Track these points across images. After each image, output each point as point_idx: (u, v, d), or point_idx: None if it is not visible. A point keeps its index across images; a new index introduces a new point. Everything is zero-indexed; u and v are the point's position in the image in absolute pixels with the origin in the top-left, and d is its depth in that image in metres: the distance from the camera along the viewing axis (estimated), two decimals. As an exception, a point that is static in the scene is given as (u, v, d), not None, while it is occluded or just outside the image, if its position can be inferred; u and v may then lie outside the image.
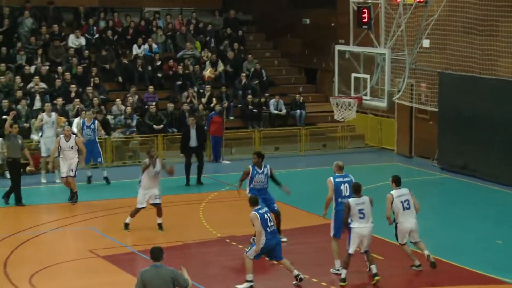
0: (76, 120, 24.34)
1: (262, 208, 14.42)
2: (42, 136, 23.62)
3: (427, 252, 15.28)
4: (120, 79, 28.81)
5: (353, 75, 24.02)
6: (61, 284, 14.87)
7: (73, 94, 26.46)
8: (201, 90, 28.55)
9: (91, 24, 29.99)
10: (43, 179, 23.00)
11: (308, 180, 22.90)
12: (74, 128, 22.87)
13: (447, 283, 14.98)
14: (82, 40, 29.31)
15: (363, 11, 23.68)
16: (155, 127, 26.08)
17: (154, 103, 27.09)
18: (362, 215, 14.41)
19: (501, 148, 23.10)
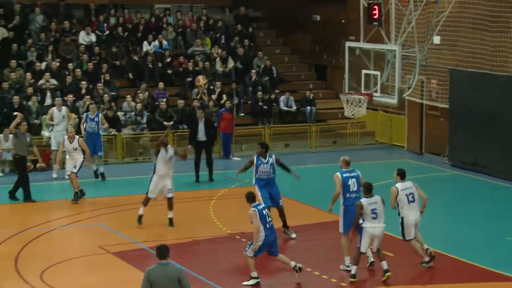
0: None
1: (260, 204, 14.45)
2: (52, 130, 23.70)
3: (426, 246, 15.32)
4: (130, 75, 28.86)
5: (363, 71, 24.00)
6: (71, 280, 14.88)
7: (83, 91, 26.52)
8: (211, 86, 28.57)
9: (102, 20, 30.04)
10: (54, 174, 23.03)
11: (318, 177, 22.87)
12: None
13: (456, 280, 14.95)
14: (93, 37, 29.35)
15: (374, 8, 23.64)
16: (165, 124, 26.12)
17: (164, 100, 27.16)
18: (374, 215, 14.36)
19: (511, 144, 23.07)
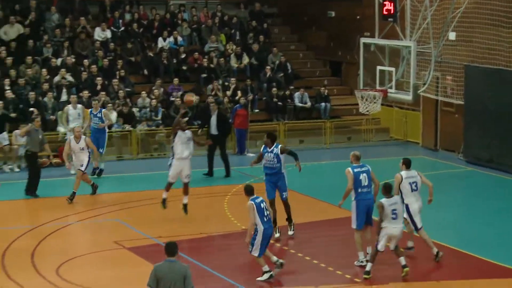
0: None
1: (258, 197, 14.48)
2: (67, 129, 23.84)
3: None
4: (145, 71, 28.95)
5: (378, 68, 23.94)
6: (87, 275, 14.97)
7: (99, 87, 26.65)
8: (226, 83, 28.63)
9: (117, 17, 30.14)
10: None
11: (333, 173, 22.89)
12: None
13: (470, 276, 14.99)
14: (108, 33, 29.45)
15: (389, 4, 23.65)
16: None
17: (179, 95, 27.23)
18: (394, 216, 14.41)
19: (527, 141, 23.06)
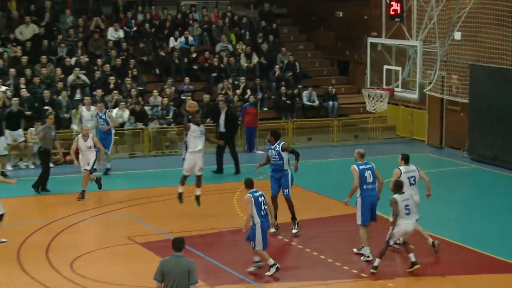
0: (115, 111, 25.13)
1: (256, 191, 14.68)
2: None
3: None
4: (157, 71, 29.25)
5: (385, 67, 24.20)
6: (100, 269, 15.20)
7: (112, 86, 27.05)
8: (236, 82, 28.99)
9: (130, 17, 30.45)
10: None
11: (340, 170, 23.11)
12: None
13: (475, 271, 15.22)
14: (121, 33, 29.77)
15: (396, 4, 23.93)
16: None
17: (190, 94, 27.59)
18: (408, 211, 14.57)
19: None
